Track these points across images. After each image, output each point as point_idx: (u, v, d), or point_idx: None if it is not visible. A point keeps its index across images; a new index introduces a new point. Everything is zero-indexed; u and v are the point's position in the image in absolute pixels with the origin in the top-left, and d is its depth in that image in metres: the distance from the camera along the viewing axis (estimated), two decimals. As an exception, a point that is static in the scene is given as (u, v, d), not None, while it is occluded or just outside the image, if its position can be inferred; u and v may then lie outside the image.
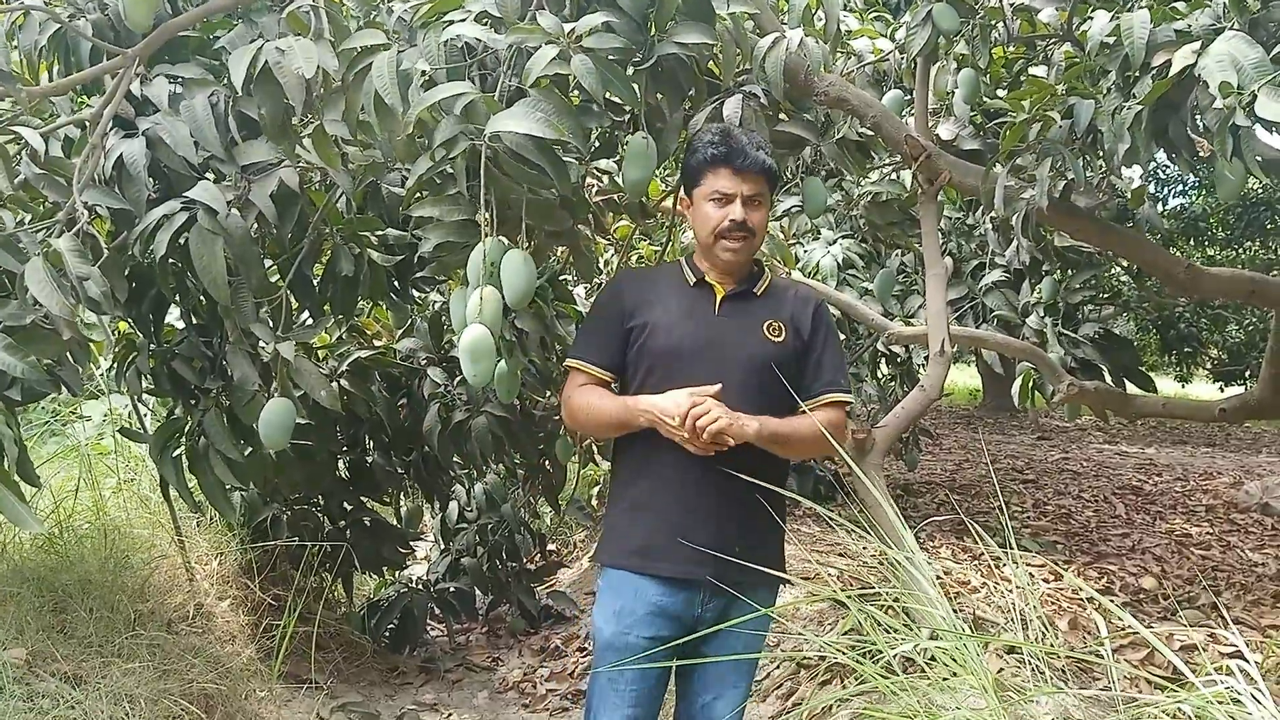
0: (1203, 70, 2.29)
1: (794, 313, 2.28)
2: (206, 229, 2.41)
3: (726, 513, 2.17)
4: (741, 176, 2.20)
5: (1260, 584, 4.16)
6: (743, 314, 2.25)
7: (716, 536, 2.13)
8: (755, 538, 2.19)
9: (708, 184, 2.23)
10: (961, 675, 1.76)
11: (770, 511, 2.19)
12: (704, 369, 2.15)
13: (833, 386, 2.27)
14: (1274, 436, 11.38)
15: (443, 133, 2.16)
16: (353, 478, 4.15)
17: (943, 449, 8.72)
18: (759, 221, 2.24)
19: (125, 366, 3.02)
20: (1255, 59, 2.22)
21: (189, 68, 2.59)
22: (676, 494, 2.19)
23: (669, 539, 2.17)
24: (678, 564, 2.16)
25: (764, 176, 2.22)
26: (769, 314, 2.25)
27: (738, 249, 2.22)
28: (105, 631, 2.69)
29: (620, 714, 2.19)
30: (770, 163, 2.23)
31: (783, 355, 2.22)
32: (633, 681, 2.18)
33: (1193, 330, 10.85)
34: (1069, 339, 4.71)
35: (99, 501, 3.57)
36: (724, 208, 2.20)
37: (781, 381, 2.17)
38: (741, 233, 2.20)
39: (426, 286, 3.73)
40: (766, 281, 2.33)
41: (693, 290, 2.28)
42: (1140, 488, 6.95)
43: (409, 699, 3.98)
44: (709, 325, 2.22)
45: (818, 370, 2.26)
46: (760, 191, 2.23)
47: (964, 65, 3.75)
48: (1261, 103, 2.14)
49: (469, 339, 2.26)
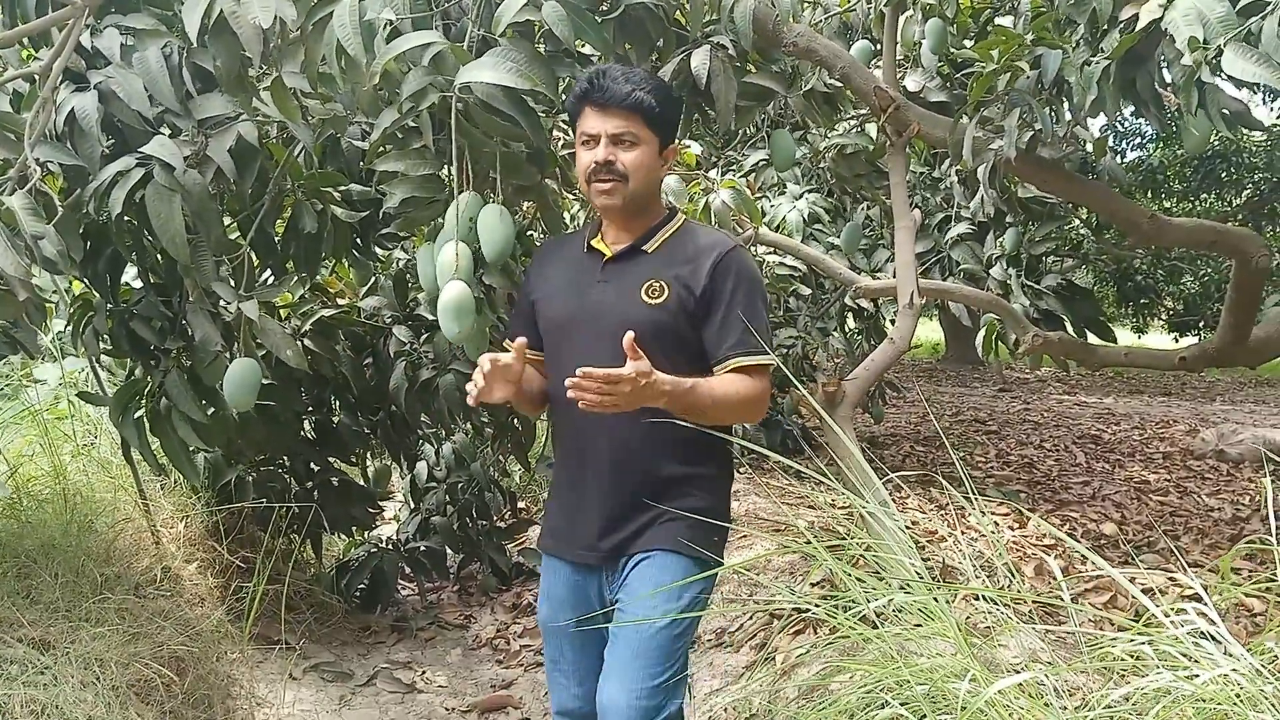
0: (1169, 24, 2.29)
1: (686, 268, 2.03)
2: (163, 185, 2.35)
3: (616, 491, 2.05)
4: (605, 113, 1.99)
5: (1217, 528, 4.26)
6: (623, 276, 2.06)
7: (607, 518, 2.05)
8: (651, 514, 2.04)
9: (578, 127, 2.05)
10: (930, 624, 1.79)
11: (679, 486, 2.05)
12: (582, 341, 2.02)
13: (737, 349, 2.00)
14: (1228, 385, 11.63)
15: (410, 84, 2.11)
16: (319, 438, 4.11)
17: (906, 401, 8.81)
18: (631, 162, 1.99)
19: (82, 327, 2.95)
20: (1221, 13, 2.21)
21: (140, 18, 2.51)
22: (570, 476, 2.14)
23: (567, 522, 2.15)
24: (576, 548, 2.12)
25: (635, 112, 1.99)
26: (651, 273, 2.04)
27: (608, 191, 2.01)
28: (71, 596, 2.66)
29: (568, 693, 2.17)
30: (642, 97, 1.99)
31: (662, 318, 2.00)
32: (573, 662, 2.15)
33: (1149, 282, 11.02)
34: (1032, 290, 4.76)
35: (58, 466, 3.51)
36: (591, 150, 2.01)
37: (674, 348, 1.99)
38: (608, 175, 1.99)
39: (390, 243, 3.68)
40: (670, 233, 2.09)
41: (583, 256, 2.13)
42: (1099, 437, 7.08)
43: (382, 658, 3.98)
44: (587, 294, 2.08)
45: (720, 334, 2.01)
46: (630, 130, 1.99)
47: (931, 15, 3.73)
48: (1228, 59, 2.14)
49: (451, 295, 2.22)
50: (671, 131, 2.11)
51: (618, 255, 2.08)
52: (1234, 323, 3.76)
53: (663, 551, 2.03)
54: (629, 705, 1.96)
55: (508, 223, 2.28)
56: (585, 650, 2.12)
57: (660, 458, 2.04)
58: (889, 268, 5.38)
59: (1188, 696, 1.50)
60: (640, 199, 2.06)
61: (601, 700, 2.01)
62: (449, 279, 2.25)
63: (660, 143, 2.06)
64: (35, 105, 2.30)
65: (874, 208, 5.53)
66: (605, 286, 2.06)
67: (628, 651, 1.99)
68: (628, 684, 1.97)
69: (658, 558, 2.03)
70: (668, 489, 2.05)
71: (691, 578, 2.00)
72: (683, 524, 2.00)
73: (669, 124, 2.09)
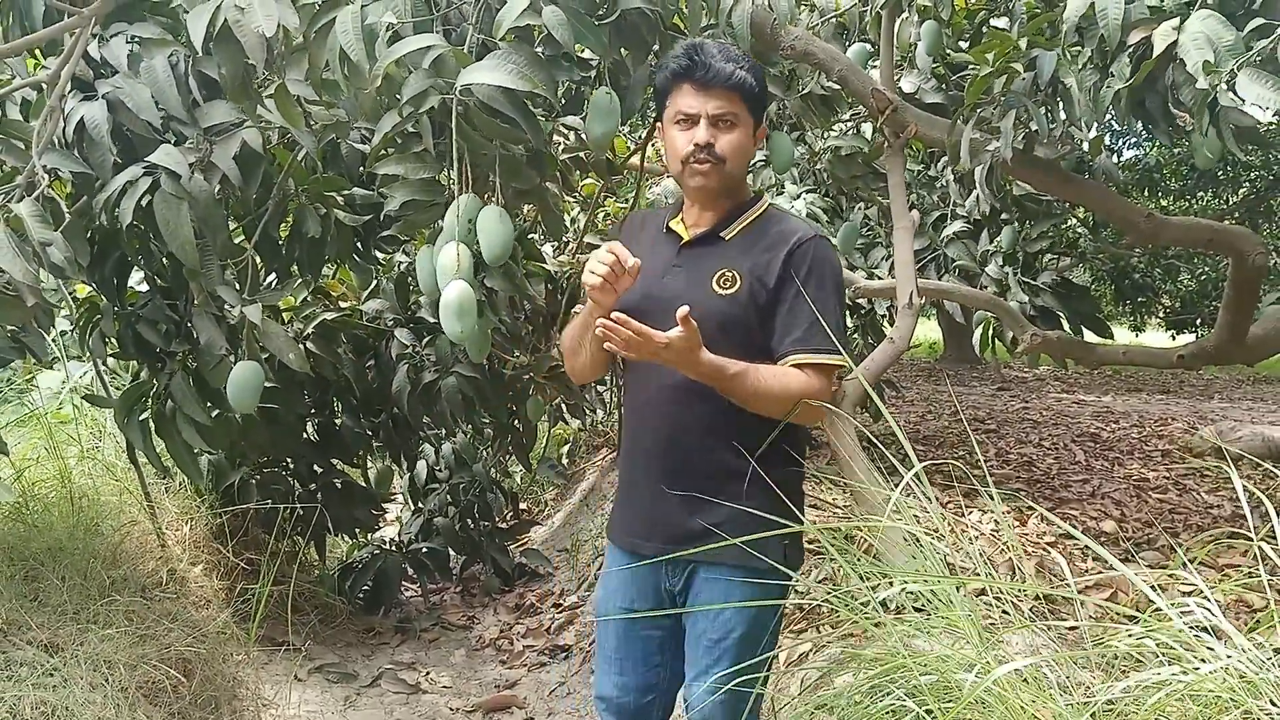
0: (1180, 49, 2.33)
1: (762, 257, 1.95)
2: (171, 194, 2.38)
3: (671, 485, 1.97)
4: (706, 92, 1.92)
5: (1216, 525, 4.28)
6: (699, 263, 1.98)
7: (662, 511, 1.99)
8: (706, 512, 1.94)
9: (672, 105, 1.97)
10: (936, 617, 1.81)
11: (737, 482, 1.94)
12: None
13: (799, 345, 1.91)
14: (1225, 383, 11.66)
15: (411, 87, 2.13)
16: (322, 440, 4.13)
17: (905, 401, 8.83)
18: (731, 145, 1.94)
19: (89, 331, 2.98)
20: (1230, 41, 2.26)
21: (146, 27, 2.54)
22: (631, 465, 2.11)
23: (624, 511, 2.13)
24: (631, 537, 2.08)
25: (736, 92, 1.92)
26: (725, 262, 1.96)
27: (706, 173, 1.94)
28: (79, 599, 2.68)
29: (608, 680, 2.12)
30: (744, 76, 1.92)
31: (733, 310, 1.92)
32: (617, 649, 2.10)
33: (1147, 280, 11.04)
34: (1029, 287, 4.78)
35: (64, 469, 3.53)
36: (688, 130, 1.94)
37: (743, 341, 1.91)
38: (707, 157, 1.92)
39: (391, 246, 3.71)
40: (750, 219, 2.02)
41: (662, 238, 2.06)
42: (1098, 435, 7.09)
43: (386, 659, 4.00)
44: (659, 279, 1.98)
45: (785, 326, 1.93)
46: (731, 110, 1.92)
47: (926, 17, 3.76)
48: (1243, 83, 2.19)
49: (453, 295, 2.23)
50: (764, 112, 2.07)
51: (694, 240, 2.01)
52: (1232, 321, 3.78)
53: (729, 567, 1.93)
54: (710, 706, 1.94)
55: (507, 224, 2.30)
56: (630, 640, 2.08)
57: (718, 449, 1.95)
58: (885, 266, 5.41)
59: (1189, 687, 1.53)
60: (734, 182, 2.00)
61: (687, 693, 2.01)
62: (450, 279, 2.27)
63: (754, 124, 2.00)
64: (43, 113, 2.32)
65: (870, 208, 5.56)
66: (679, 272, 1.99)
67: (707, 658, 1.97)
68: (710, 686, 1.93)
69: (723, 575, 1.95)
70: (727, 484, 1.94)
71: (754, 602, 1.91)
72: (747, 531, 1.85)
73: (764, 104, 2.06)
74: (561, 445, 7.21)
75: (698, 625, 1.99)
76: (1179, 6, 2.50)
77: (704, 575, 1.98)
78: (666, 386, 1.96)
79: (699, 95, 1.93)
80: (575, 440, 7.35)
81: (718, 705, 1.93)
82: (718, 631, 1.96)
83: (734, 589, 1.94)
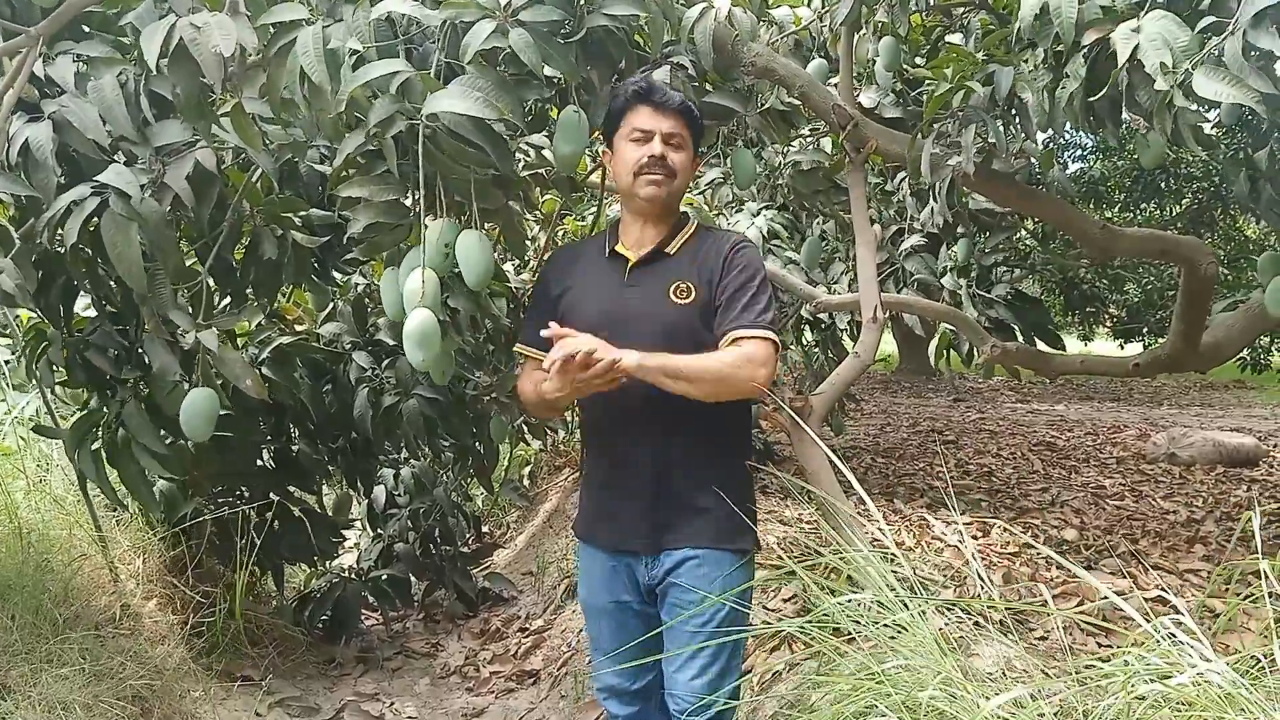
0: (1140, 51, 2.35)
1: (707, 265, 2.14)
2: (120, 214, 2.31)
3: (647, 479, 2.14)
4: (661, 113, 2.14)
5: (1174, 530, 4.34)
6: (650, 279, 2.15)
7: (643, 506, 2.15)
8: (688, 504, 2.13)
9: (627, 123, 2.16)
10: (904, 638, 1.80)
11: (713, 474, 2.14)
12: (615, 342, 2.02)
13: (738, 324, 2.07)
14: (1174, 389, 11.90)
15: (378, 112, 2.09)
16: (278, 467, 4.04)
17: (864, 413, 8.89)
18: (680, 162, 2.15)
19: (36, 359, 2.88)
20: (1185, 41, 2.28)
21: (94, 45, 2.47)
22: (608, 464, 2.24)
23: (599, 510, 2.27)
24: (610, 534, 2.23)
25: (685, 118, 2.16)
26: (677, 275, 2.14)
27: (659, 183, 2.13)
28: (30, 638, 2.58)
29: (610, 670, 2.26)
30: (691, 106, 2.19)
31: (692, 315, 2.11)
32: (610, 644, 2.25)
33: (1095, 290, 11.23)
34: (983, 300, 4.83)
35: (10, 504, 3.41)
36: (643, 145, 2.13)
37: (706, 344, 2.08)
38: (660, 170, 2.12)
39: (350, 268, 3.64)
40: (687, 235, 2.21)
41: (605, 262, 2.22)
42: (1054, 443, 7.19)
43: (349, 690, 3.91)
44: (615, 298, 2.16)
45: (725, 311, 2.10)
46: (680, 132, 2.15)
47: (885, 34, 3.79)
48: (1199, 82, 2.20)
49: (416, 324, 2.19)
50: (700, 145, 2.29)
51: (642, 259, 2.18)
52: (1184, 329, 3.84)
53: (709, 550, 2.12)
54: (700, 686, 2.09)
55: (487, 248, 2.29)
56: (624, 629, 2.22)
57: (693, 454, 2.14)
58: (845, 280, 5.44)
59: (1167, 699, 1.53)
60: (676, 199, 2.21)
61: (672, 688, 2.15)
62: (415, 306, 2.23)
63: (694, 153, 2.23)
64: (-13, 135, 2.24)
65: (829, 222, 5.58)
66: (633, 290, 2.16)
67: (691, 641, 2.11)
68: (695, 672, 2.11)
69: (705, 556, 2.12)
70: (706, 476, 2.13)
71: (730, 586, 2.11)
72: (720, 518, 2.11)
73: (701, 137, 2.29)
74: (523, 466, 7.15)
75: (675, 615, 2.13)
76: (1130, 6, 2.52)
77: (686, 563, 2.12)
78: (654, 396, 2.05)
79: (655, 116, 2.15)
80: (536, 461, 7.28)
81: (706, 687, 2.10)
82: (700, 618, 2.10)
83: (714, 572, 2.11)
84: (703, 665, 2.11)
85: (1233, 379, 12.49)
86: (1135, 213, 11.43)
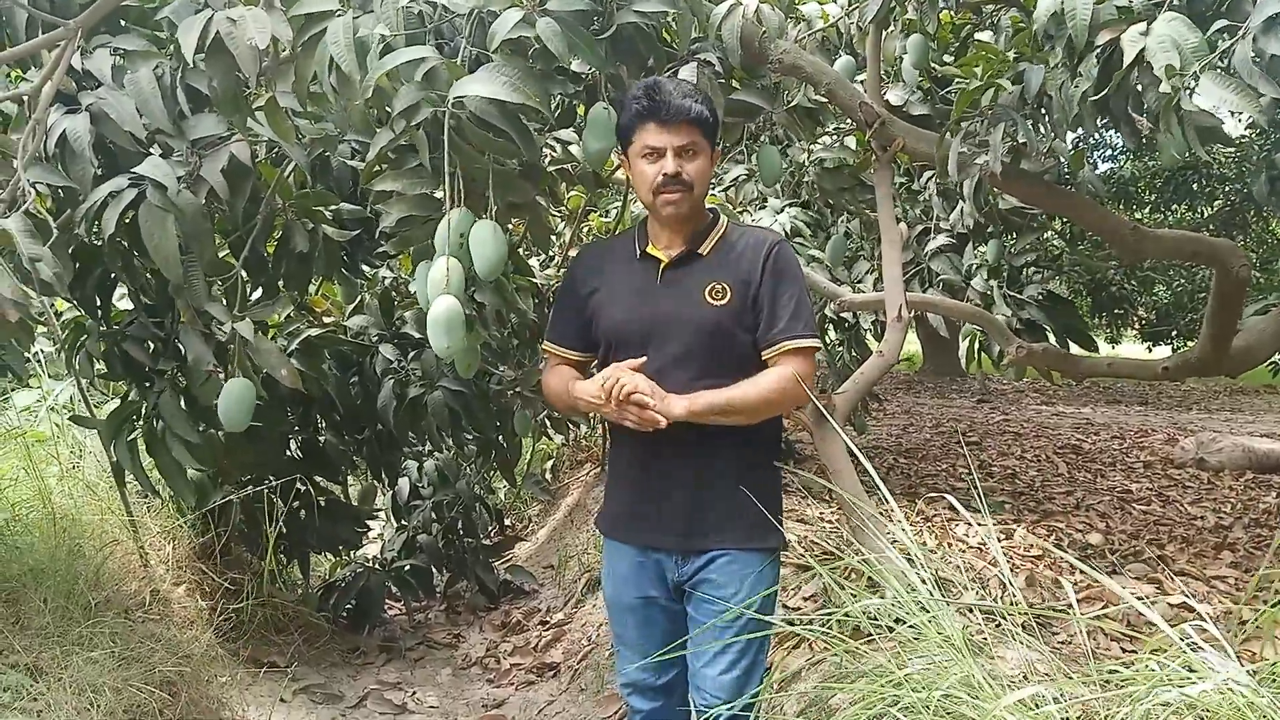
0: (1148, 53, 2.34)
1: (742, 266, 2.14)
2: (157, 206, 2.34)
3: (685, 481, 2.15)
4: (670, 129, 2.10)
5: (1200, 536, 4.30)
6: (684, 281, 2.16)
7: (674, 506, 2.16)
8: (720, 503, 2.15)
9: (638, 141, 2.14)
10: (926, 639, 1.80)
11: (749, 477, 2.16)
12: (648, 344, 2.11)
13: (787, 334, 2.10)
14: (1203, 394, 11.77)
15: (403, 99, 2.11)
16: (305, 458, 4.08)
17: (887, 414, 8.85)
18: (696, 171, 2.12)
19: (74, 350, 2.93)
20: (1194, 43, 2.27)
21: (130, 39, 2.51)
22: (639, 464, 2.23)
23: (630, 509, 2.25)
24: (641, 533, 2.22)
25: (695, 125, 2.11)
26: (711, 276, 2.14)
27: (677, 201, 2.12)
28: (62, 622, 2.63)
29: (635, 665, 2.27)
30: (700, 109, 2.12)
31: (728, 316, 2.12)
32: (635, 639, 2.26)
33: (1123, 292, 11.14)
34: (1014, 300, 4.80)
35: (44, 489, 3.47)
36: (656, 163, 2.11)
37: (730, 346, 2.12)
38: (677, 186, 2.10)
39: (379, 261, 3.67)
40: (718, 236, 2.20)
41: (637, 264, 2.21)
42: (1080, 446, 7.13)
43: (371, 679, 3.95)
44: (649, 299, 2.16)
45: (770, 319, 2.12)
46: (692, 141, 2.11)
47: (912, 31, 3.77)
48: (1205, 87, 2.20)
49: (440, 310, 2.21)
50: (717, 135, 2.25)
51: (675, 261, 2.17)
52: (1215, 333, 3.80)
53: (740, 551, 2.15)
54: (729, 682, 2.11)
55: (500, 239, 2.28)
56: (650, 624, 2.24)
57: (732, 462, 2.15)
58: (869, 279, 5.42)
59: (1191, 707, 1.52)
60: (699, 204, 2.19)
61: (700, 683, 2.16)
62: (440, 294, 2.25)
63: (711, 147, 2.18)
64: (26, 127, 2.28)
65: (853, 220, 5.57)
66: (667, 292, 2.16)
67: (720, 637, 2.12)
68: (721, 667, 2.12)
69: (736, 554, 2.14)
70: (737, 488, 2.14)
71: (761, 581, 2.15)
72: (752, 518, 2.13)
73: (718, 129, 2.24)
74: (545, 460, 7.18)
75: (704, 611, 2.14)
76: (1147, 7, 2.51)
77: (717, 560, 2.14)
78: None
79: (663, 131, 2.11)
80: (559, 455, 7.31)
81: (734, 682, 2.11)
82: (729, 614, 2.10)
83: (744, 570, 2.13)
84: (731, 660, 2.13)
85: (1264, 384, 12.33)
86: (1166, 214, 11.32)
